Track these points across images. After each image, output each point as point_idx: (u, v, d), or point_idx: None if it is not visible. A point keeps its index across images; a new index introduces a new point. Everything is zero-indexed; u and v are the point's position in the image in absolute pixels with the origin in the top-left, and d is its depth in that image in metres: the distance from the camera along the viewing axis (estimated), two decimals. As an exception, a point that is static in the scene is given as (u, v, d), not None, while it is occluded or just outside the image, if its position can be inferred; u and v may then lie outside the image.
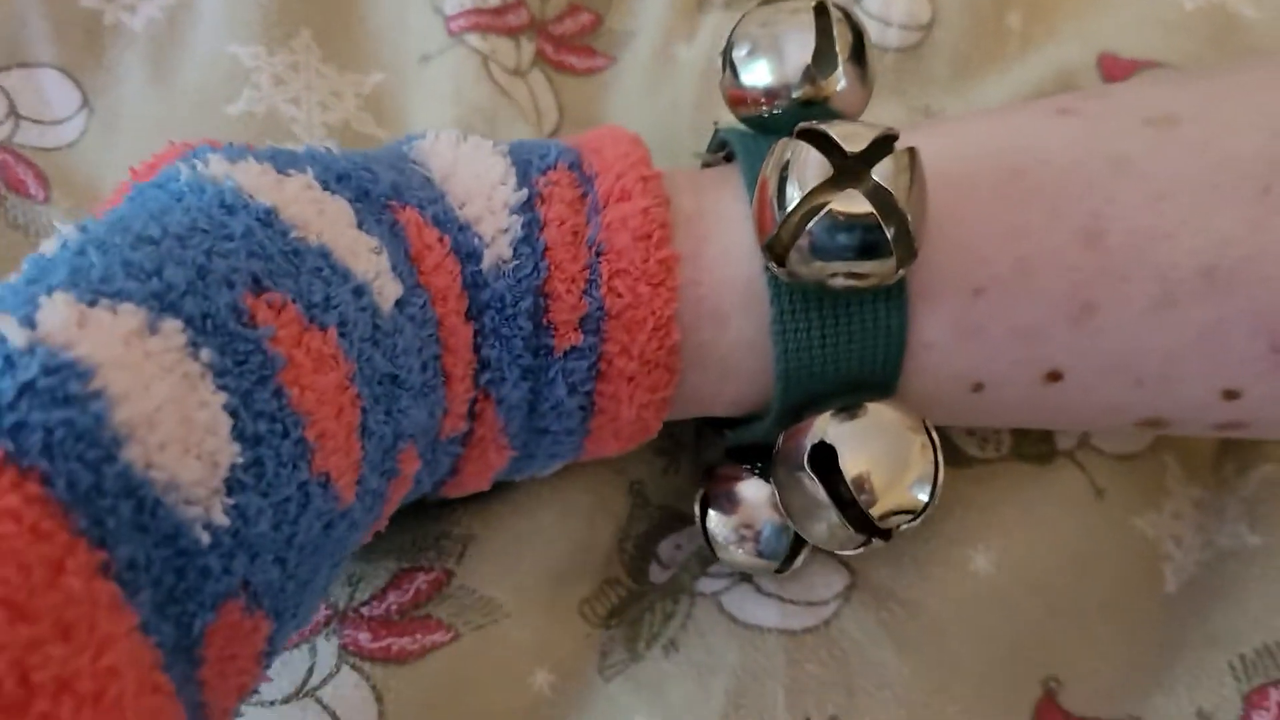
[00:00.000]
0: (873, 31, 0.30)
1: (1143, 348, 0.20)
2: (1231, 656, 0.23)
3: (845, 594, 0.23)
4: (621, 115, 0.29)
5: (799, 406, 0.20)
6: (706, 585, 0.24)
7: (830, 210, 0.18)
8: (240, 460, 0.15)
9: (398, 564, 0.23)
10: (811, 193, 0.18)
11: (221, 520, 0.15)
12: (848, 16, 0.20)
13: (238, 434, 0.15)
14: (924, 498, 0.19)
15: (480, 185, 0.19)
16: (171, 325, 0.15)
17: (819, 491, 0.19)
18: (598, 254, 0.19)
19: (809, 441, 0.19)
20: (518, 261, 0.19)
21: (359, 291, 0.17)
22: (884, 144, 0.18)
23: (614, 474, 0.24)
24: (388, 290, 0.18)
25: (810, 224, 0.18)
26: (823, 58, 0.20)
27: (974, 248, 0.20)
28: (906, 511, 0.19)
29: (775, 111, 0.20)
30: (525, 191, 0.19)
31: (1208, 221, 0.19)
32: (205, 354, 0.15)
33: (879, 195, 0.18)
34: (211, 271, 0.16)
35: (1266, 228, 0.19)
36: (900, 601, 0.23)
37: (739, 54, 0.21)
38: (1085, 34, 0.31)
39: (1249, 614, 0.23)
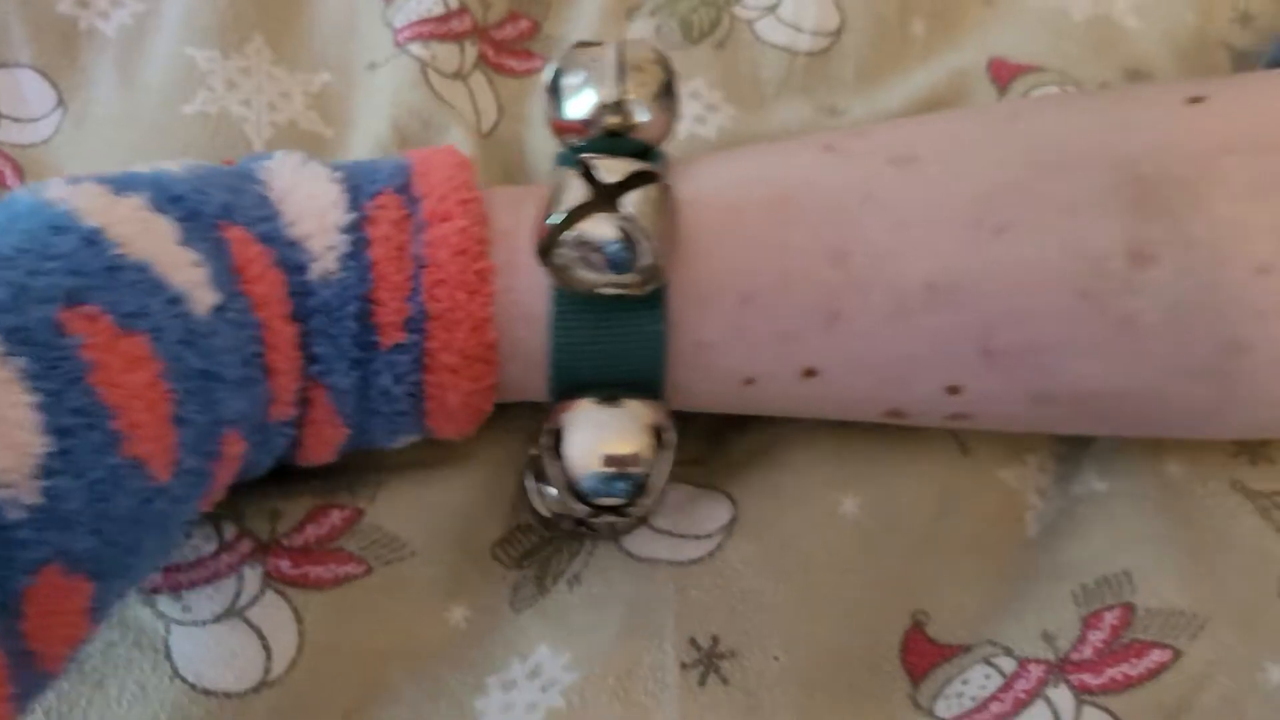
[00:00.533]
0: (785, 37, 0.33)
1: (882, 350, 0.23)
2: (1074, 586, 0.25)
3: (728, 528, 0.25)
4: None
5: (575, 396, 0.24)
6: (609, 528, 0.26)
7: (580, 231, 0.21)
8: (51, 449, 0.18)
9: (313, 501, 0.26)
10: (570, 214, 0.21)
11: (34, 499, 0.18)
12: (662, 59, 0.24)
13: (49, 428, 0.18)
14: (624, 482, 0.22)
15: (313, 206, 0.22)
16: None
17: (552, 467, 0.23)
18: (420, 267, 0.22)
19: (547, 425, 0.23)
20: (344, 274, 0.22)
21: (175, 300, 0.20)
22: (640, 178, 0.22)
23: (518, 427, 0.27)
24: (205, 299, 0.21)
25: (561, 238, 0.21)
26: (614, 99, 0.23)
27: (744, 261, 0.23)
28: (624, 482, 0.22)
29: (587, 140, 0.24)
30: (354, 215, 0.22)
31: (933, 246, 0.22)
32: (18, 362, 0.18)
33: (625, 221, 0.21)
34: (30, 289, 0.19)
35: (979, 253, 0.22)
36: (776, 536, 0.25)
37: (558, 89, 0.24)
38: (981, 42, 0.34)
39: (1091, 549, 0.25)
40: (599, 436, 0.23)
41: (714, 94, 0.31)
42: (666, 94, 0.24)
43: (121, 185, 0.22)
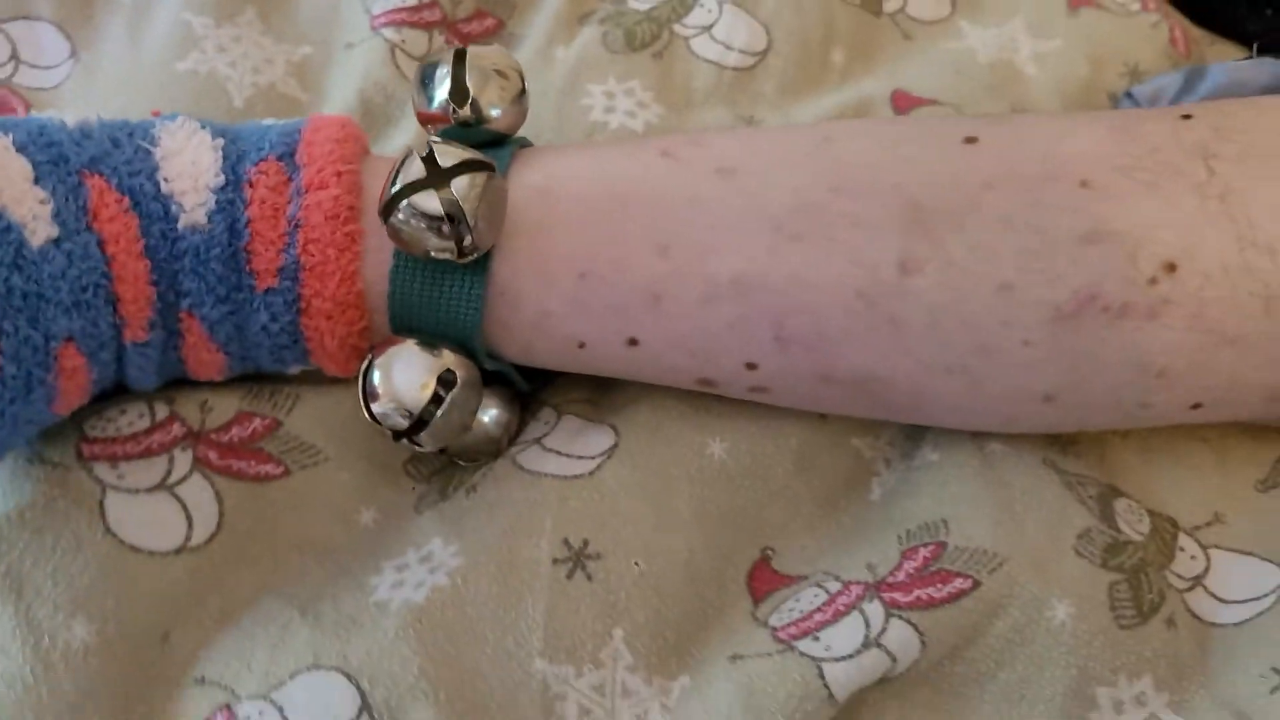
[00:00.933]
0: (715, 53, 0.37)
1: (694, 329, 0.27)
2: (900, 531, 0.28)
3: (609, 453, 0.29)
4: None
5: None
6: (509, 450, 0.30)
7: (409, 201, 0.25)
8: None
9: (239, 406, 0.29)
10: (405, 188, 0.25)
11: None
12: (517, 66, 0.29)
13: None
14: (401, 416, 0.27)
15: (190, 169, 0.26)
16: None
17: (360, 390, 0.27)
18: (296, 226, 0.26)
19: (367, 358, 0.27)
20: (211, 226, 0.26)
21: (8, 230, 0.24)
22: (470, 166, 0.25)
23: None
24: (42, 230, 0.25)
25: (399, 206, 0.25)
26: (459, 94, 0.27)
27: (583, 245, 0.27)
28: (401, 413, 0.27)
29: (445, 128, 0.28)
30: (222, 177, 0.26)
31: (739, 246, 0.26)
32: None
33: (448, 199, 0.25)
34: None
35: (777, 255, 0.26)
36: (649, 465, 0.29)
37: (423, 86, 0.28)
38: (892, 72, 0.38)
39: (920, 504, 0.29)
40: (390, 372, 0.27)
41: (646, 95, 0.36)
42: (519, 97, 0.28)
43: (6, 126, 0.26)
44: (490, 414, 0.30)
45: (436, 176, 0.25)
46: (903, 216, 0.26)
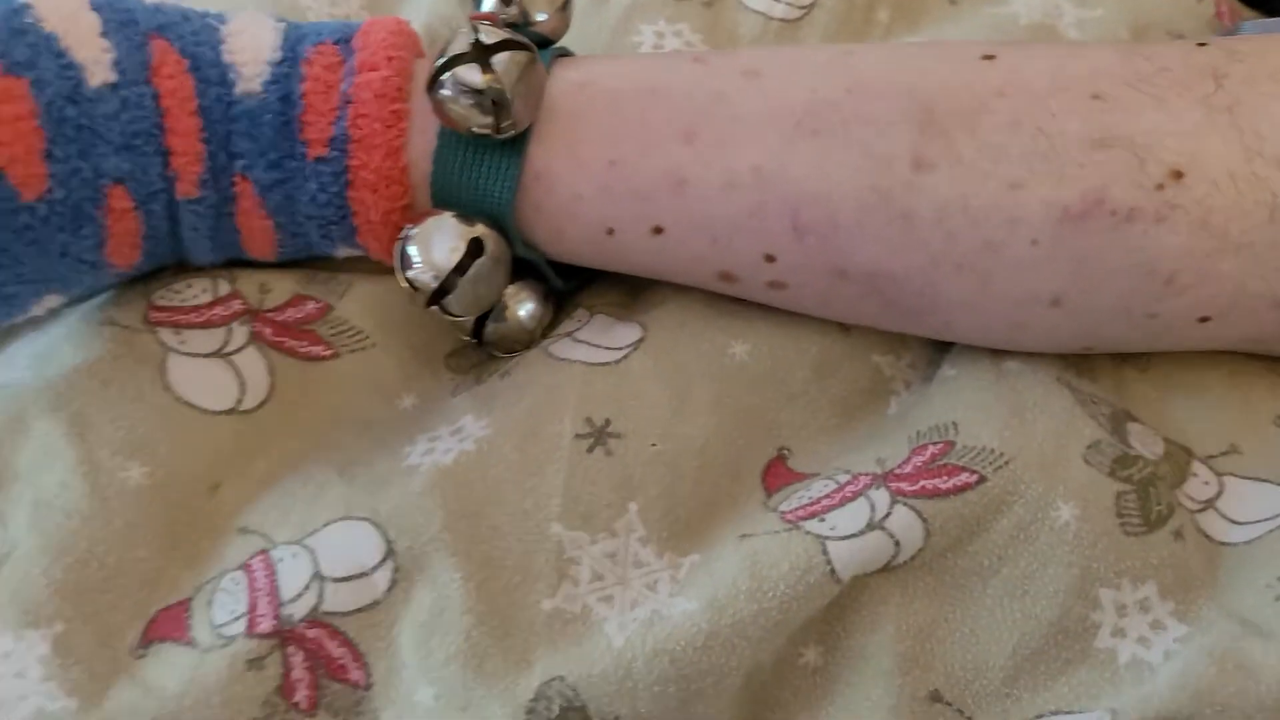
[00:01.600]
0: (763, 4, 0.39)
1: (715, 214, 0.29)
2: (910, 432, 0.29)
3: (635, 345, 0.31)
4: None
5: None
6: (543, 342, 0.32)
7: (453, 73, 0.27)
8: None
9: (295, 289, 0.32)
10: (450, 60, 0.27)
11: None
12: None
13: None
14: (428, 275, 0.29)
15: (251, 44, 0.29)
16: None
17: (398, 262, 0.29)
18: (346, 102, 0.29)
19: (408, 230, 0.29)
20: (265, 94, 0.29)
21: (69, 66, 0.27)
22: (512, 44, 0.28)
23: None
24: (101, 74, 0.27)
25: (442, 78, 0.27)
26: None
27: (613, 132, 0.29)
28: (431, 277, 0.29)
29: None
30: (280, 54, 0.29)
31: (760, 139, 0.28)
32: None
33: (490, 72, 0.27)
34: None
35: (794, 146, 0.28)
36: (673, 359, 0.30)
37: None
38: (936, 34, 0.40)
39: (932, 410, 0.30)
40: (424, 236, 0.29)
41: (695, 37, 0.38)
42: (565, 6, 0.31)
43: None
44: (525, 308, 0.32)
45: (480, 51, 0.28)
46: (916, 116, 0.28)
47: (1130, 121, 0.27)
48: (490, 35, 0.28)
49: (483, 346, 0.32)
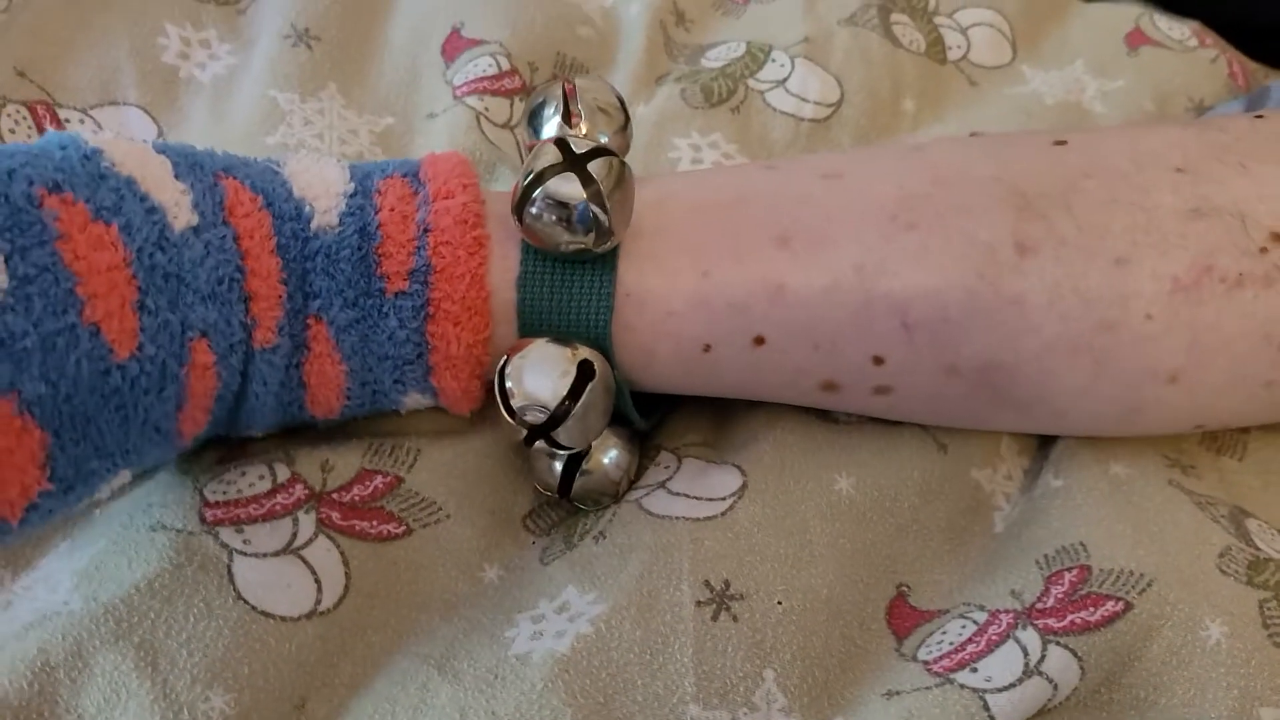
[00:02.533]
0: (791, 106, 0.39)
1: (819, 318, 0.28)
2: (1038, 556, 0.29)
3: (739, 493, 0.29)
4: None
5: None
6: (631, 494, 0.30)
7: (545, 188, 0.26)
8: (7, 288, 0.22)
9: (360, 463, 0.30)
10: (541, 173, 0.26)
11: None
12: (620, 100, 0.30)
13: (10, 271, 0.22)
14: (545, 403, 0.27)
15: (319, 179, 0.28)
16: None
17: (498, 390, 0.27)
18: (425, 231, 0.27)
19: (505, 355, 0.28)
20: (342, 228, 0.27)
21: (153, 210, 0.25)
22: (603, 152, 0.27)
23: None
24: (183, 217, 0.25)
25: (534, 194, 0.26)
26: (570, 120, 0.29)
27: (704, 244, 0.28)
28: (538, 408, 0.27)
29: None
30: (353, 185, 0.28)
31: (857, 236, 0.28)
32: None
33: (588, 181, 0.26)
34: (18, 173, 0.23)
35: (894, 241, 0.28)
36: (781, 503, 0.29)
37: (531, 120, 0.30)
38: (964, 119, 0.40)
39: (1051, 529, 0.29)
40: (528, 365, 0.27)
41: (730, 146, 0.37)
42: (624, 127, 0.30)
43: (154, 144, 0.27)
44: (610, 455, 0.30)
45: (572, 160, 0.27)
46: (1009, 201, 0.28)
47: (1221, 190, 0.28)
48: (579, 144, 0.27)
49: (569, 501, 0.31)
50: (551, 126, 0.29)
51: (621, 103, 0.30)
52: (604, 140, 0.29)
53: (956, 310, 0.28)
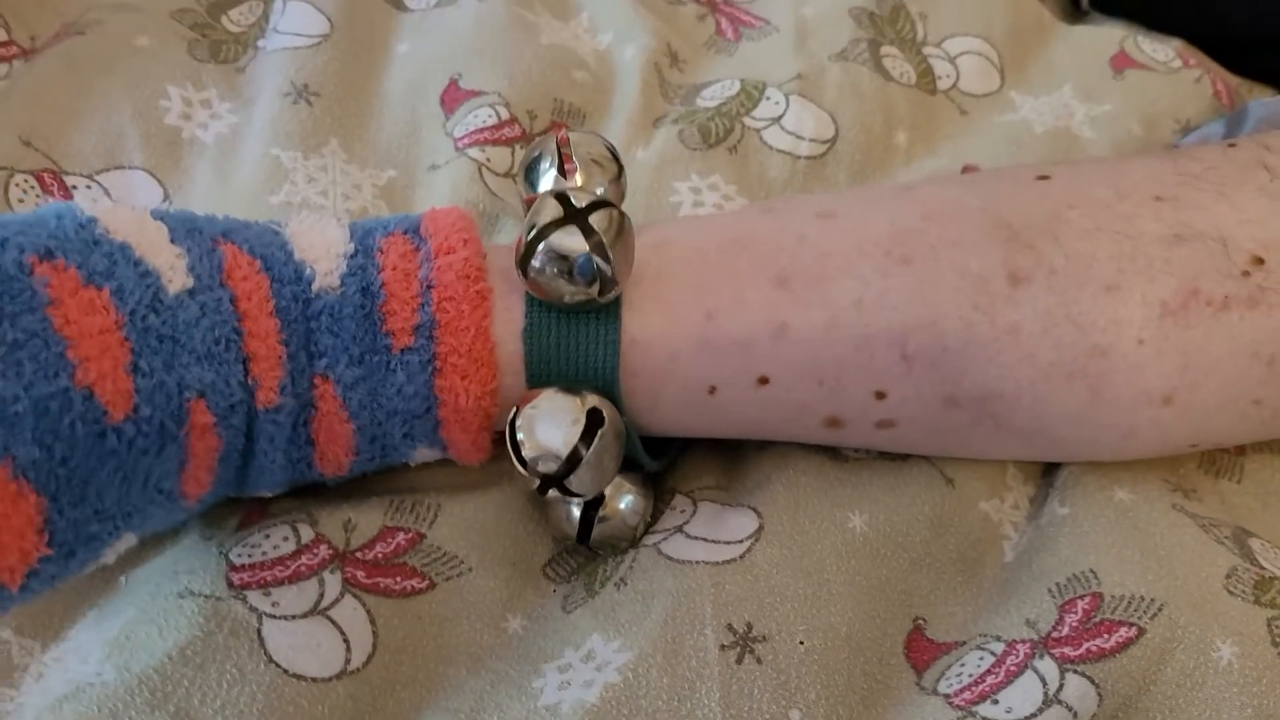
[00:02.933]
0: (787, 144, 0.40)
1: (822, 355, 0.29)
2: (1050, 584, 0.30)
3: (756, 535, 0.30)
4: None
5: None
6: (648, 539, 0.31)
7: (548, 242, 0.27)
8: None
9: (382, 521, 0.31)
10: (544, 228, 0.27)
11: None
12: (612, 151, 0.31)
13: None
14: (558, 452, 0.28)
15: (319, 241, 0.29)
16: None
17: (510, 442, 0.28)
18: (429, 287, 0.28)
19: (515, 407, 0.28)
20: (344, 288, 0.28)
21: (146, 274, 0.25)
22: (603, 204, 0.27)
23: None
24: (178, 280, 0.26)
25: (537, 248, 0.27)
26: (565, 173, 0.30)
27: (705, 287, 0.29)
28: (550, 457, 0.28)
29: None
30: (354, 245, 0.29)
31: (854, 272, 0.29)
32: None
33: (590, 235, 0.27)
34: (10, 242, 0.24)
35: (890, 276, 0.29)
36: (797, 543, 0.30)
37: (528, 175, 0.31)
38: (955, 150, 0.41)
39: (1060, 556, 0.30)
40: (539, 415, 0.28)
41: (729, 187, 0.38)
42: (618, 178, 0.30)
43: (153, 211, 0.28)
44: (625, 500, 0.31)
45: (574, 214, 0.27)
46: (997, 233, 0.29)
47: (1201, 216, 0.29)
48: (579, 197, 0.28)
49: (587, 547, 0.31)
50: (548, 179, 0.30)
51: (614, 153, 0.31)
52: (600, 191, 0.30)
53: (954, 340, 0.29)
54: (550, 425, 0.28)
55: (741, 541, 0.30)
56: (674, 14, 0.46)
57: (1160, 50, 0.44)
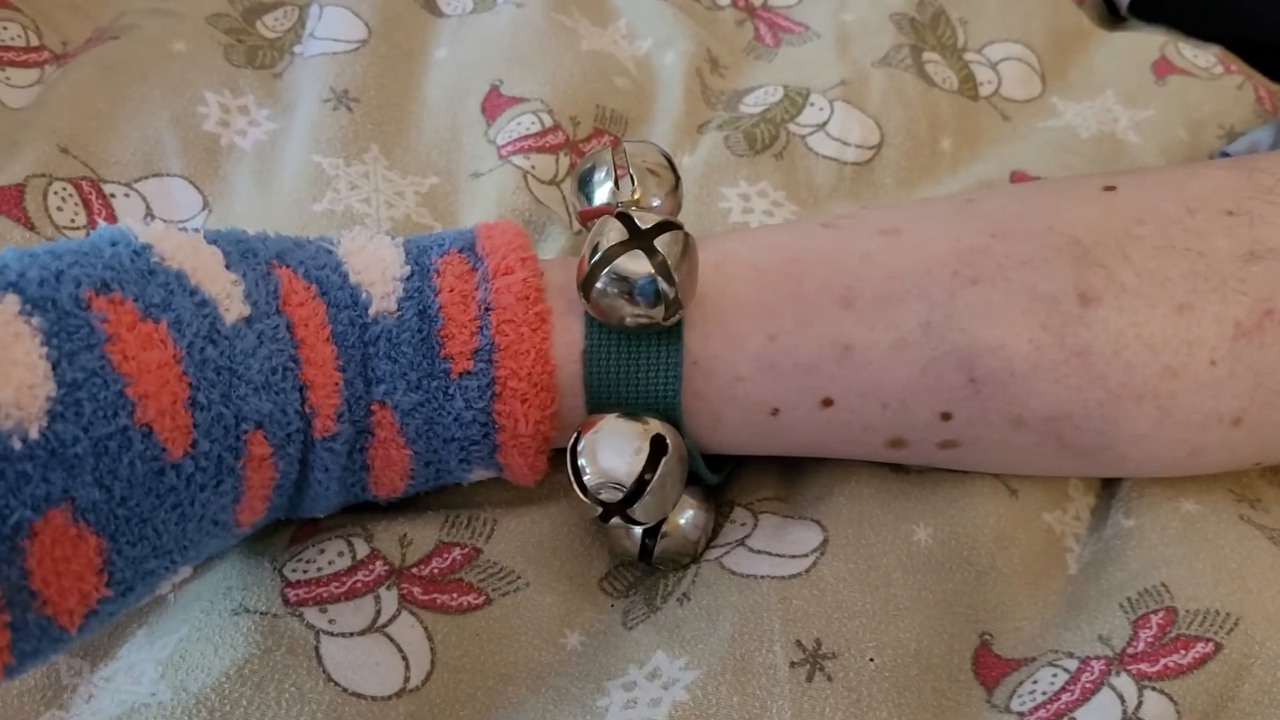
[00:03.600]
0: (833, 150, 0.39)
1: (887, 377, 0.28)
2: (1121, 599, 0.29)
3: (821, 549, 0.30)
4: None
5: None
6: (709, 553, 0.31)
7: (613, 266, 0.26)
8: (54, 395, 0.22)
9: (438, 537, 0.30)
10: (608, 252, 0.26)
11: (35, 436, 0.21)
12: (669, 161, 0.30)
13: (58, 378, 0.22)
14: (621, 481, 0.27)
15: (375, 262, 0.28)
16: (11, 299, 0.22)
17: (571, 468, 0.27)
18: (487, 309, 0.27)
19: (576, 433, 0.28)
20: (401, 312, 0.27)
21: (203, 303, 0.25)
22: (668, 225, 0.27)
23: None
24: (235, 308, 0.25)
25: (602, 273, 0.26)
26: (621, 185, 0.29)
27: (768, 308, 0.28)
28: (613, 485, 0.27)
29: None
30: (409, 268, 0.28)
31: (921, 293, 0.28)
32: (35, 320, 0.22)
33: (656, 258, 0.26)
34: (66, 274, 0.23)
35: (958, 297, 0.28)
36: (863, 556, 0.30)
37: (582, 186, 0.30)
38: (1002, 156, 0.41)
39: (1130, 570, 0.30)
40: (601, 442, 0.27)
41: (778, 194, 0.38)
42: (676, 188, 0.30)
43: (189, 227, 0.27)
44: (686, 515, 0.30)
45: (639, 238, 0.27)
46: (1067, 251, 0.28)
47: (1274, 233, 0.29)
48: (644, 219, 0.27)
49: (647, 564, 0.31)
50: (604, 191, 0.29)
51: (670, 163, 0.30)
52: (656, 203, 0.29)
53: (1023, 363, 0.28)
54: (613, 453, 0.27)
55: (806, 555, 0.30)
56: (712, 19, 0.45)
57: (1201, 56, 0.44)
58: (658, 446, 0.27)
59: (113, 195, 0.36)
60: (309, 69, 0.40)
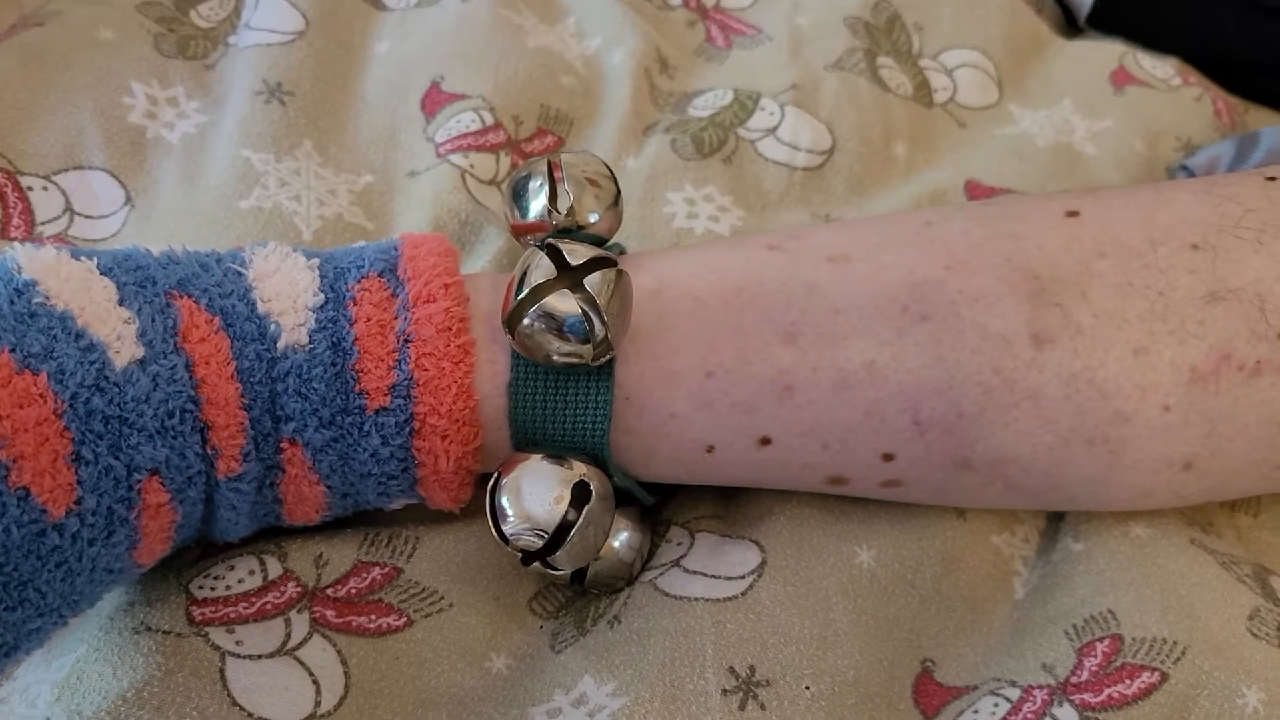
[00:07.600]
0: (783, 154, 0.38)
1: (829, 418, 0.27)
2: (1066, 626, 0.28)
3: (758, 571, 0.28)
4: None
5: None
6: (644, 574, 0.29)
7: (544, 305, 0.25)
8: None
9: (356, 556, 0.28)
10: (535, 290, 0.25)
11: None
12: (610, 172, 0.28)
13: None
14: (541, 528, 0.25)
15: (287, 289, 0.26)
16: None
17: (489, 512, 0.26)
18: (406, 341, 0.26)
19: (496, 473, 0.26)
20: (313, 345, 0.25)
21: (90, 348, 0.23)
22: (600, 263, 0.25)
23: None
24: (127, 351, 0.23)
25: (529, 311, 0.25)
26: (556, 200, 0.27)
27: (706, 342, 0.27)
28: (533, 532, 0.25)
29: (546, 237, 0.27)
30: (323, 296, 0.26)
31: (868, 330, 0.26)
32: None
33: (585, 298, 0.24)
34: None
35: (907, 335, 0.26)
36: (802, 579, 0.28)
37: (516, 199, 0.28)
38: (957, 163, 0.40)
39: (1077, 596, 0.28)
40: (521, 488, 0.26)
41: (725, 199, 0.36)
42: (615, 202, 0.28)
43: (82, 253, 0.25)
44: (621, 537, 0.29)
45: (569, 276, 0.25)
46: (1023, 288, 0.27)
47: (1238, 271, 0.27)
48: (575, 254, 0.25)
49: (576, 586, 0.29)
50: (538, 205, 0.27)
51: (611, 175, 0.29)
52: (594, 219, 0.27)
53: (970, 406, 0.26)
54: (533, 499, 0.26)
55: (743, 577, 0.28)
56: (663, 19, 0.44)
57: (1160, 67, 0.43)
58: (580, 493, 0.26)
59: (30, 189, 0.34)
60: (242, 60, 0.39)
